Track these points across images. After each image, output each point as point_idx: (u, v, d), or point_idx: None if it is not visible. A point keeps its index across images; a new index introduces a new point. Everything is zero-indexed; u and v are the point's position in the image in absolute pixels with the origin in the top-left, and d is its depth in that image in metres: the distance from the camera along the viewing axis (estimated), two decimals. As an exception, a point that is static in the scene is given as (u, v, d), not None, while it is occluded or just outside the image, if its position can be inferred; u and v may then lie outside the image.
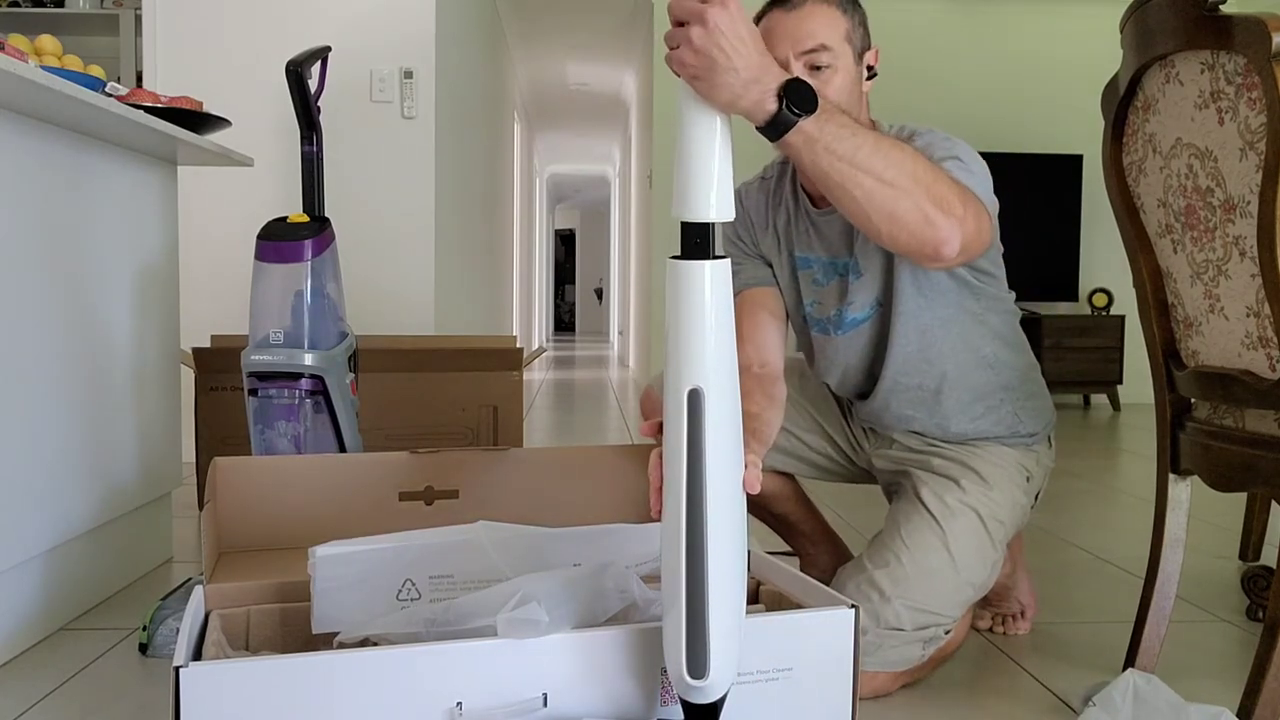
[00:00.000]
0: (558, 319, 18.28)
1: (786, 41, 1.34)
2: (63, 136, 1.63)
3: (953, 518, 1.38)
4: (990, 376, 1.48)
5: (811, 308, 1.55)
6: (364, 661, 0.92)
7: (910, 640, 1.33)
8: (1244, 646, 1.59)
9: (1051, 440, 1.58)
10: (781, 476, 1.67)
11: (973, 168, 1.31)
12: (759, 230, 1.56)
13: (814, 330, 1.56)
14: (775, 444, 1.61)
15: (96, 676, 1.42)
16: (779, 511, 1.70)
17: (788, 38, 1.34)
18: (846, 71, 1.36)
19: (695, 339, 0.92)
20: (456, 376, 2.43)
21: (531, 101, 8.82)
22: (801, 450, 1.64)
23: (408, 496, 1.43)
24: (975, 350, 1.47)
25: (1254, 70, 1.13)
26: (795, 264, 1.54)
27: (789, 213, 1.53)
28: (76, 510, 1.67)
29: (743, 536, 0.94)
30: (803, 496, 1.72)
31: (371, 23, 3.31)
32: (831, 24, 1.34)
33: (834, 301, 1.52)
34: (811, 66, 1.34)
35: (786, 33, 1.34)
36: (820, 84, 1.33)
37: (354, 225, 3.19)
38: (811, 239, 1.51)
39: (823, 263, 1.51)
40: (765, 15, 1.38)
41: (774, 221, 1.55)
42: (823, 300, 1.54)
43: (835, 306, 1.52)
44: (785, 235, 1.54)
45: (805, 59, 1.34)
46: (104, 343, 1.78)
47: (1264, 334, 1.19)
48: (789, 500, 1.69)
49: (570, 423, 4.70)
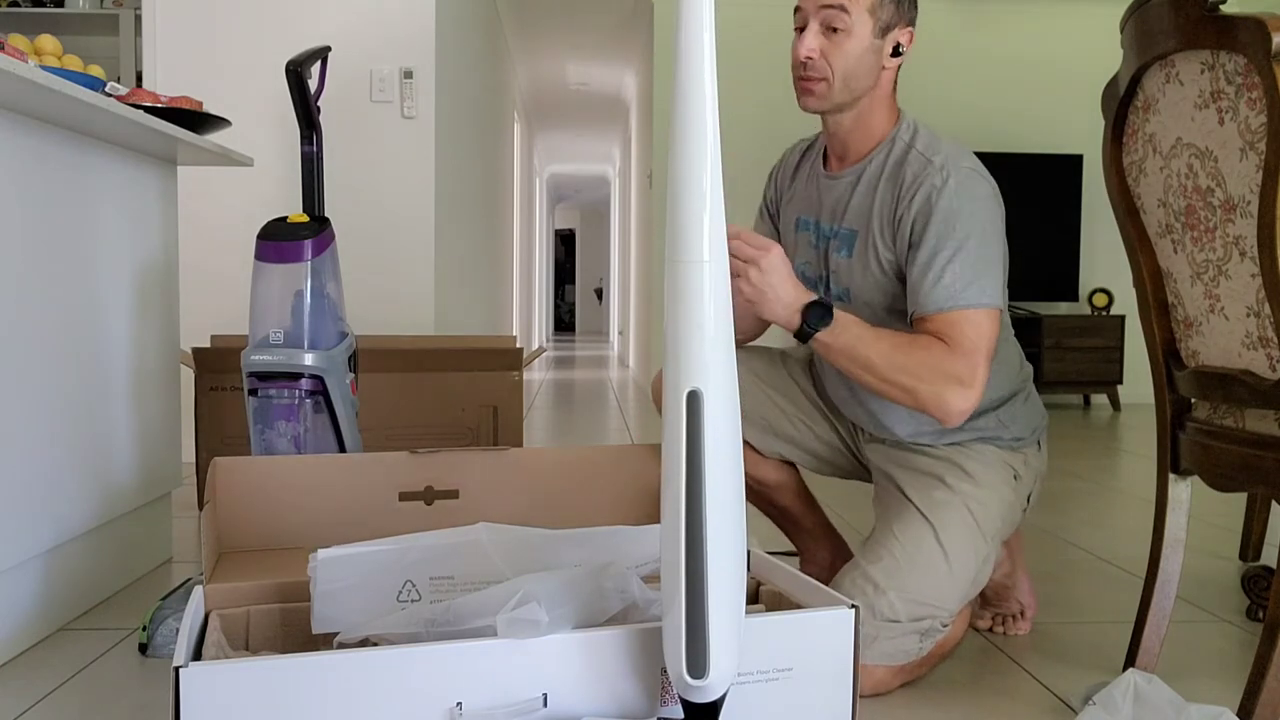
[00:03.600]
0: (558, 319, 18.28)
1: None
2: (63, 136, 1.63)
3: (941, 511, 1.39)
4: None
5: (804, 267, 1.58)
6: (364, 661, 0.92)
7: (906, 632, 1.33)
8: (1244, 646, 1.59)
9: (1042, 445, 1.58)
10: (786, 467, 1.68)
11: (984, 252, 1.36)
12: (785, 189, 1.64)
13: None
14: (782, 431, 1.64)
15: (96, 676, 1.42)
16: (781, 504, 1.70)
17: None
18: (860, 40, 1.40)
19: (694, 340, 0.93)
20: (456, 376, 2.43)
21: (531, 101, 8.82)
22: (807, 439, 1.64)
23: (408, 496, 1.43)
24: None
25: (1254, 70, 1.13)
26: (797, 225, 1.59)
27: (804, 173, 1.60)
28: (76, 510, 1.67)
29: (742, 536, 0.94)
30: (805, 491, 1.72)
31: (371, 23, 3.31)
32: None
33: (820, 266, 1.56)
34: (827, 26, 1.39)
35: None
36: (830, 45, 1.40)
37: (354, 225, 3.20)
38: (815, 202, 1.56)
39: (818, 226, 1.55)
40: None
41: (796, 178, 1.62)
42: (812, 261, 1.57)
43: (821, 270, 1.55)
44: (798, 193, 1.60)
45: (822, 16, 1.39)
46: (104, 343, 1.78)
47: (1264, 334, 1.19)
48: (791, 493, 1.70)
49: (570, 423, 4.70)
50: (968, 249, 1.35)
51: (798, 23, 1.44)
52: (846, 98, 1.43)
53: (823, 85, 1.42)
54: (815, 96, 1.44)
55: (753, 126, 5.01)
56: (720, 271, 0.92)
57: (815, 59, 1.41)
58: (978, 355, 1.32)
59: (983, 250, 1.36)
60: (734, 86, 5.16)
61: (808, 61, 1.41)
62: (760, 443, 1.63)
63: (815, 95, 1.44)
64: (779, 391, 1.64)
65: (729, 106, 1.23)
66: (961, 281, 1.34)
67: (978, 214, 1.37)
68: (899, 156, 1.45)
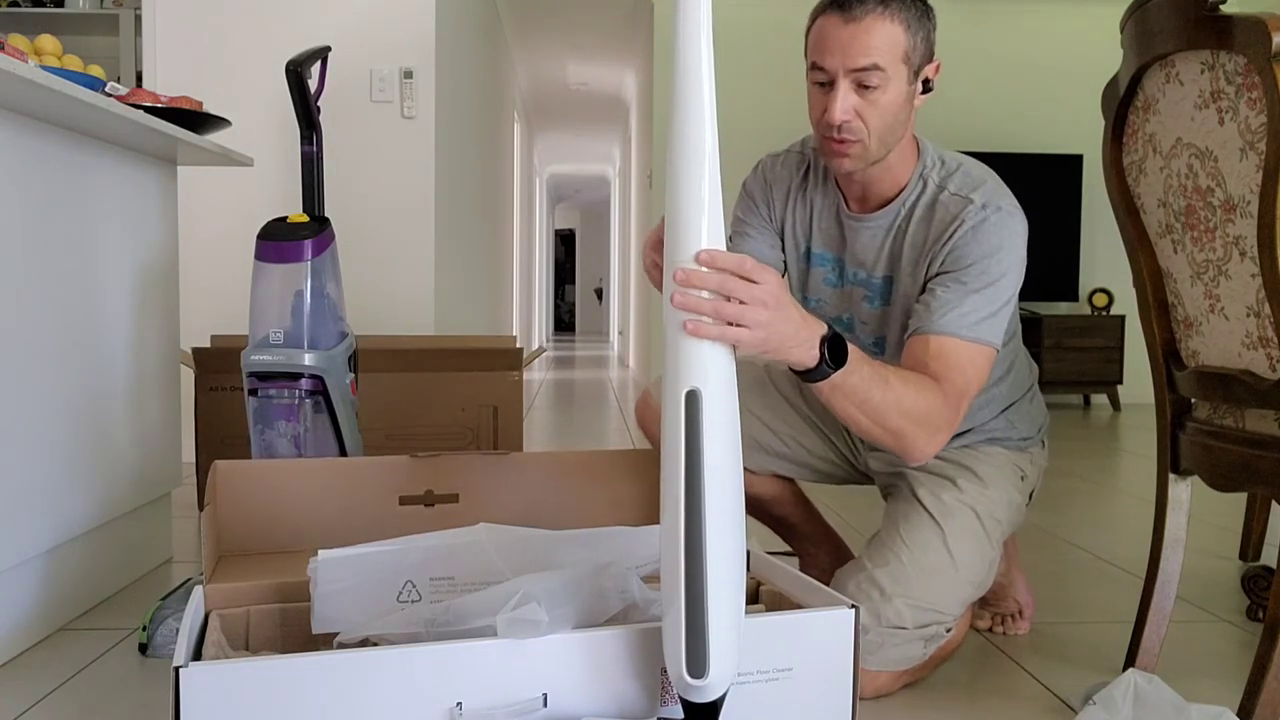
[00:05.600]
0: (558, 319, 18.28)
1: (838, 54, 1.27)
2: (63, 136, 1.63)
3: (951, 516, 1.38)
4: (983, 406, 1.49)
5: (816, 305, 1.54)
6: (364, 661, 0.92)
7: (912, 639, 1.32)
8: (1244, 646, 1.59)
9: (1045, 442, 1.59)
10: (781, 480, 1.66)
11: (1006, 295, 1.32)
12: (780, 205, 1.53)
13: None
14: (774, 449, 1.61)
15: (96, 676, 1.42)
16: (779, 514, 1.70)
17: (840, 51, 1.27)
18: (896, 92, 1.30)
19: (694, 340, 0.93)
20: (456, 376, 2.43)
21: (531, 101, 8.82)
22: (801, 455, 1.63)
23: (408, 500, 1.43)
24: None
25: (1254, 70, 1.13)
26: (811, 258, 1.52)
27: (816, 204, 1.50)
28: (76, 510, 1.67)
29: (742, 536, 0.94)
30: (802, 499, 1.71)
31: (371, 23, 3.31)
32: (890, 43, 1.27)
33: (841, 307, 1.51)
34: (860, 85, 1.28)
35: (840, 45, 1.27)
36: (865, 104, 1.29)
37: (354, 225, 3.19)
38: (835, 240, 1.49)
39: (841, 266, 1.49)
40: (821, 17, 1.31)
41: (799, 203, 1.51)
42: (828, 301, 1.53)
43: (841, 312, 1.51)
44: (807, 223, 1.51)
45: (854, 77, 1.28)
46: (104, 342, 1.78)
47: (1264, 334, 1.19)
48: (789, 503, 1.69)
49: (570, 423, 4.70)
50: (998, 287, 1.31)
51: (819, 79, 1.31)
52: (883, 154, 1.35)
53: (858, 147, 1.32)
54: (851, 159, 1.34)
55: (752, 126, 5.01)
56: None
57: (850, 120, 1.30)
58: (963, 401, 1.29)
59: (1006, 292, 1.32)
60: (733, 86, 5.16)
61: (843, 124, 1.30)
62: (752, 462, 1.59)
63: (850, 158, 1.33)
64: (769, 411, 1.60)
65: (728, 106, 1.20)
66: (977, 314, 1.30)
67: (1014, 253, 1.33)
68: (930, 198, 1.39)
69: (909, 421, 1.24)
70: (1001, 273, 1.32)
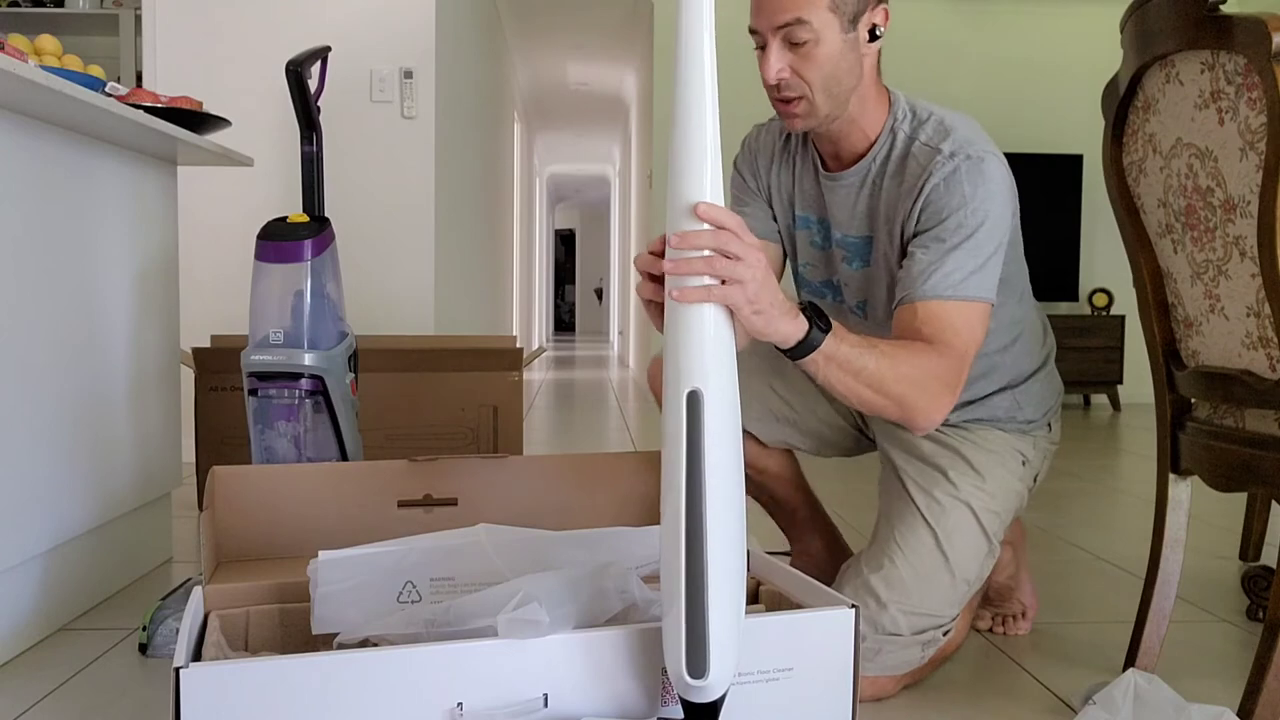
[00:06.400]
0: (558, 319, 18.28)
1: (765, 14, 1.27)
2: (63, 136, 1.63)
3: (944, 515, 1.36)
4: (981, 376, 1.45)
5: (805, 269, 1.53)
6: (364, 662, 0.92)
7: (909, 644, 1.33)
8: (1244, 646, 1.59)
9: (1053, 425, 1.53)
10: (785, 457, 1.65)
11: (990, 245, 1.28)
12: (765, 172, 1.52)
13: (804, 290, 1.55)
14: (785, 417, 1.60)
15: (96, 676, 1.42)
16: (778, 494, 1.68)
17: (765, 10, 1.27)
18: (830, 44, 1.28)
19: (694, 340, 0.93)
20: (456, 376, 2.43)
21: (531, 101, 8.81)
22: (811, 422, 1.60)
23: (406, 504, 1.43)
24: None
25: (1254, 70, 1.13)
26: (796, 221, 1.51)
27: (797, 166, 1.49)
28: (76, 510, 1.67)
29: (742, 536, 0.94)
30: (802, 481, 1.70)
31: (371, 23, 3.31)
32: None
33: (828, 270, 1.51)
34: (789, 42, 1.28)
35: (765, 4, 1.28)
36: (798, 59, 1.29)
37: (354, 225, 3.19)
38: (816, 201, 1.48)
39: (826, 229, 1.48)
40: None
41: (782, 167, 1.51)
42: (815, 264, 1.52)
43: (829, 275, 1.51)
44: (790, 187, 1.50)
45: (781, 34, 1.27)
46: (104, 342, 1.77)
47: (1264, 334, 1.19)
48: (789, 483, 1.67)
49: (570, 423, 4.70)
50: (977, 238, 1.27)
51: (757, 43, 1.32)
52: (833, 107, 1.33)
53: (803, 104, 1.31)
54: (800, 117, 1.33)
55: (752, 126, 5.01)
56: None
57: (787, 78, 1.30)
58: (966, 361, 1.25)
59: (989, 243, 1.28)
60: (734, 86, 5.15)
61: (780, 83, 1.30)
62: (764, 433, 1.59)
63: (799, 116, 1.33)
64: (779, 377, 1.59)
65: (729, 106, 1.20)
66: (962, 272, 1.26)
67: (991, 200, 1.29)
68: (901, 150, 1.36)
69: (910, 386, 1.21)
70: (979, 222, 1.27)
